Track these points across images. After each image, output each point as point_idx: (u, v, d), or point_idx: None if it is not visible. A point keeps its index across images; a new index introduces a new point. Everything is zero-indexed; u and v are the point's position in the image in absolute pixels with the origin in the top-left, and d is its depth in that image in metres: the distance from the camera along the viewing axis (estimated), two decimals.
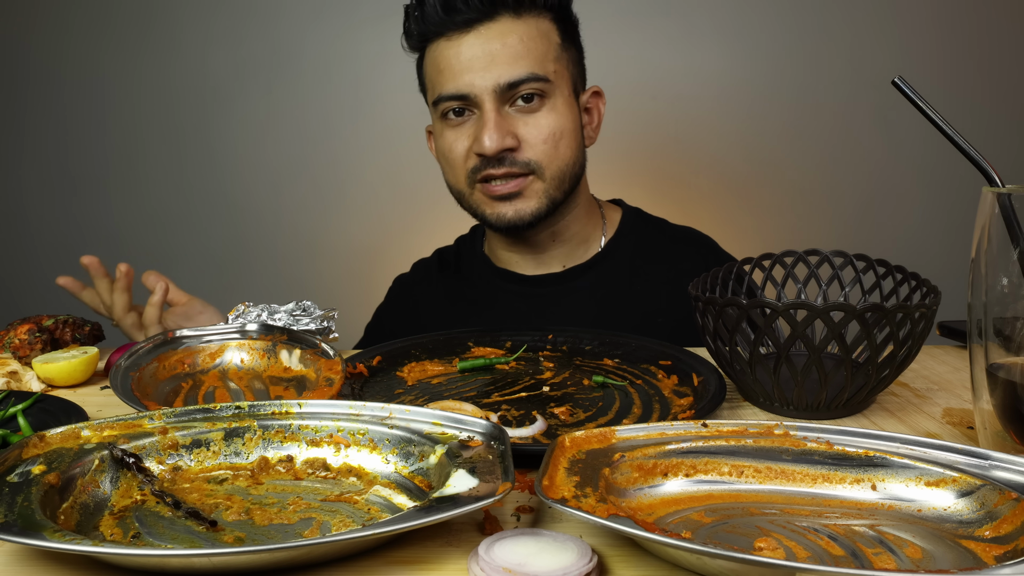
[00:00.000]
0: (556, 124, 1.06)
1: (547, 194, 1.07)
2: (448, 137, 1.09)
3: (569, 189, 1.10)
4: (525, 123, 1.05)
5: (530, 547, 0.47)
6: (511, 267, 1.20)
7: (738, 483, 0.57)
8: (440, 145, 1.11)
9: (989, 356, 0.60)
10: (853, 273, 0.87)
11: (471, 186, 1.09)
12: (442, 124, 1.10)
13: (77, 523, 0.53)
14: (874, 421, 0.75)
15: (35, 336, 0.94)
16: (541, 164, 1.06)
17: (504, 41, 1.03)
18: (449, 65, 1.05)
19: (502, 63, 1.03)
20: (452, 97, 1.05)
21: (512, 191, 1.06)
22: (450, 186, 1.14)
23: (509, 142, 1.04)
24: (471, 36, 1.03)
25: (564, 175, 1.08)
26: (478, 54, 1.03)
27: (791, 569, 0.41)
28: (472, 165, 1.07)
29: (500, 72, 1.03)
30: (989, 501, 0.51)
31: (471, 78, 1.03)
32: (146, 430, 0.62)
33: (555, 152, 1.06)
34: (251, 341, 0.88)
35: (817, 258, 0.89)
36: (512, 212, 1.08)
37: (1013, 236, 0.58)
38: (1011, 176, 0.64)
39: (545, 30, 1.06)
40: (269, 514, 0.55)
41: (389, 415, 0.63)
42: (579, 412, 0.76)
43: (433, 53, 1.08)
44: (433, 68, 1.08)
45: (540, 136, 1.05)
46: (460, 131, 1.07)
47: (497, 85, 1.03)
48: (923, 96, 0.67)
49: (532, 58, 1.04)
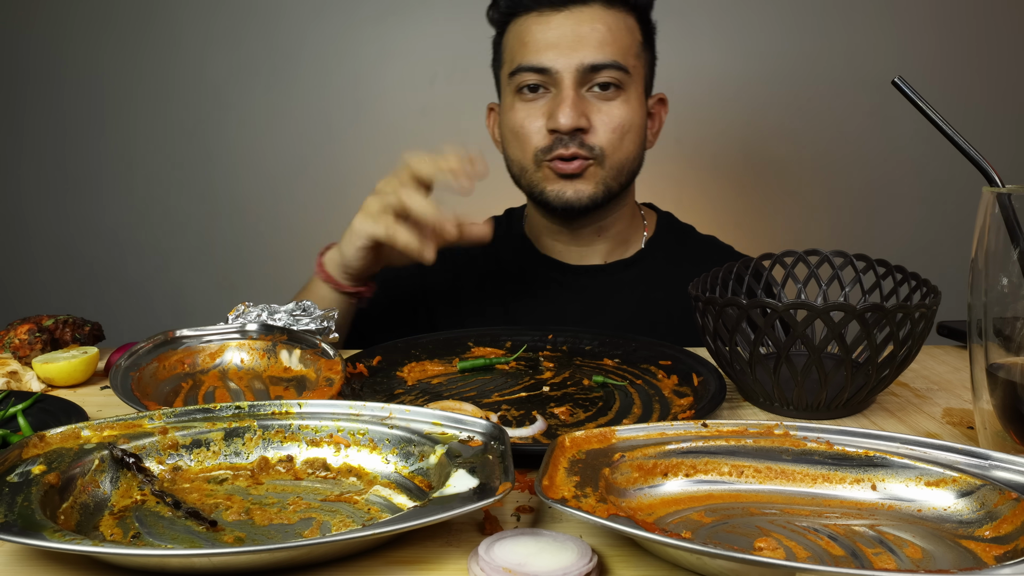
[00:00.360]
0: (627, 117, 1.09)
1: (605, 182, 1.10)
2: (520, 112, 1.10)
3: (625, 183, 1.13)
4: (598, 109, 1.08)
5: (530, 547, 0.47)
6: (554, 255, 1.21)
7: (738, 483, 0.57)
8: (510, 119, 1.12)
9: (989, 356, 0.60)
10: (853, 273, 0.87)
11: (537, 164, 1.11)
12: (515, 98, 1.11)
13: (77, 523, 0.53)
14: (874, 421, 0.75)
15: (35, 336, 0.94)
16: (605, 152, 1.08)
17: (593, 26, 1.06)
18: (535, 39, 1.07)
19: (588, 46, 1.05)
20: (533, 69, 1.07)
21: (575, 171, 1.09)
22: (512, 162, 1.15)
23: (583, 122, 1.06)
24: (561, 16, 1.06)
25: (623, 167, 1.11)
26: (566, 33, 1.06)
27: (791, 569, 0.41)
28: (543, 144, 1.09)
29: (585, 54, 1.05)
30: (989, 501, 0.51)
31: (556, 55, 1.06)
32: (146, 430, 0.62)
33: (620, 143, 1.09)
34: (251, 341, 0.88)
35: (817, 258, 0.89)
36: (572, 192, 1.10)
37: (1013, 236, 0.58)
38: (1011, 176, 0.64)
39: (631, 26, 1.10)
40: (269, 514, 0.55)
41: (389, 415, 0.63)
42: (579, 412, 0.76)
43: (519, 27, 1.10)
44: (516, 40, 1.10)
45: (611, 124, 1.08)
46: (534, 107, 1.09)
47: (581, 65, 1.05)
48: (923, 96, 0.67)
49: (617, 47, 1.07)
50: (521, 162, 1.13)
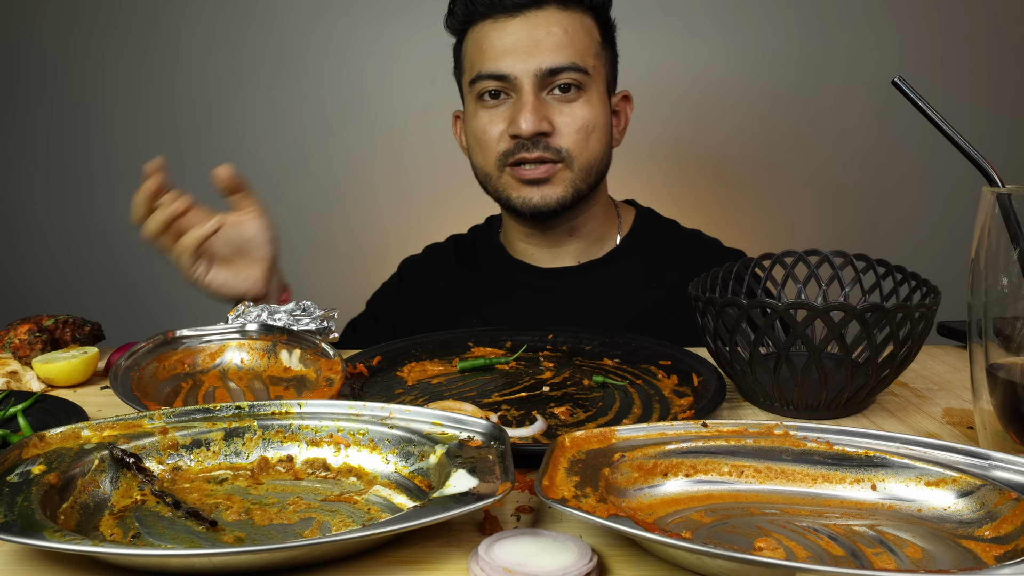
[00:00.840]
0: (590, 117, 1.09)
1: (573, 184, 1.10)
2: (482, 119, 1.11)
3: (594, 183, 1.13)
4: (560, 112, 1.08)
5: (530, 547, 0.47)
6: (526, 259, 1.22)
7: (738, 483, 0.57)
8: (472, 126, 1.13)
9: (989, 356, 0.60)
10: (853, 273, 0.87)
11: (500, 169, 1.11)
12: (476, 105, 1.12)
13: (77, 523, 0.53)
14: (874, 421, 0.75)
15: (35, 336, 0.94)
16: (571, 153, 1.08)
17: (549, 29, 1.06)
18: (492, 46, 1.07)
19: (545, 49, 1.06)
20: (492, 76, 1.07)
21: (541, 176, 1.08)
22: (477, 168, 1.16)
23: (544, 126, 1.06)
24: (517, 21, 1.06)
25: (591, 167, 1.11)
26: (523, 38, 1.06)
27: (791, 569, 0.41)
28: (504, 148, 1.09)
29: (543, 58, 1.05)
30: (989, 501, 0.51)
31: (513, 60, 1.06)
32: (146, 430, 0.62)
33: (586, 144, 1.09)
34: (251, 341, 0.88)
35: (817, 258, 0.89)
36: (539, 197, 1.10)
37: (1013, 236, 0.58)
38: (1011, 176, 0.64)
39: (588, 26, 1.10)
40: (269, 514, 0.55)
41: (389, 415, 0.63)
42: (579, 412, 0.76)
43: (476, 34, 1.10)
44: (474, 48, 1.10)
45: (574, 126, 1.08)
46: (495, 113, 1.10)
47: (539, 70, 1.05)
48: (923, 96, 0.67)
49: (574, 49, 1.07)
50: (484, 168, 1.13)
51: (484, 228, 1.32)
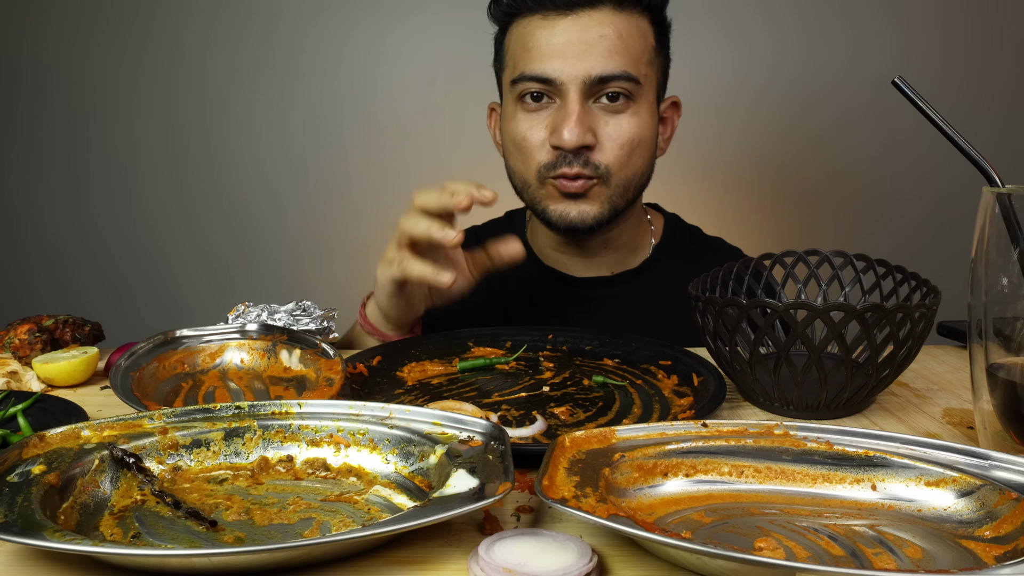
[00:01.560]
0: (636, 131, 1.02)
1: (610, 201, 1.05)
2: (523, 123, 1.04)
3: (632, 199, 1.08)
4: (606, 123, 1.02)
5: (530, 547, 0.47)
6: (558, 267, 1.17)
7: (738, 483, 0.57)
8: (511, 130, 1.06)
9: (989, 356, 0.60)
10: (853, 273, 0.87)
11: (540, 180, 1.05)
12: (516, 107, 1.05)
13: (77, 523, 0.53)
14: (874, 421, 0.75)
15: (35, 336, 0.94)
16: (611, 170, 1.02)
17: (602, 32, 0.99)
18: (539, 45, 1.00)
19: (596, 54, 0.99)
20: (536, 79, 1.01)
21: (579, 190, 1.03)
22: (514, 173, 1.09)
23: (589, 139, 1.00)
24: (568, 20, 0.99)
25: (630, 184, 1.05)
26: (573, 40, 0.99)
27: (791, 569, 0.41)
28: (546, 160, 1.03)
29: (593, 63, 0.99)
30: (989, 501, 0.51)
31: (561, 64, 0.99)
32: (146, 430, 0.62)
33: (627, 160, 1.03)
34: (251, 341, 0.88)
35: (817, 258, 0.89)
36: (576, 212, 1.04)
37: (1013, 236, 0.58)
38: (1011, 176, 0.64)
39: (643, 30, 1.03)
40: (269, 514, 0.55)
41: (389, 415, 0.63)
42: (579, 412, 0.76)
43: (522, 29, 1.03)
44: (519, 44, 1.03)
45: (618, 140, 1.01)
46: (537, 118, 1.03)
47: (588, 76, 0.99)
48: (923, 96, 0.67)
49: (627, 55, 1.00)
50: (523, 176, 1.07)
51: (505, 222, 1.26)
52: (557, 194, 1.04)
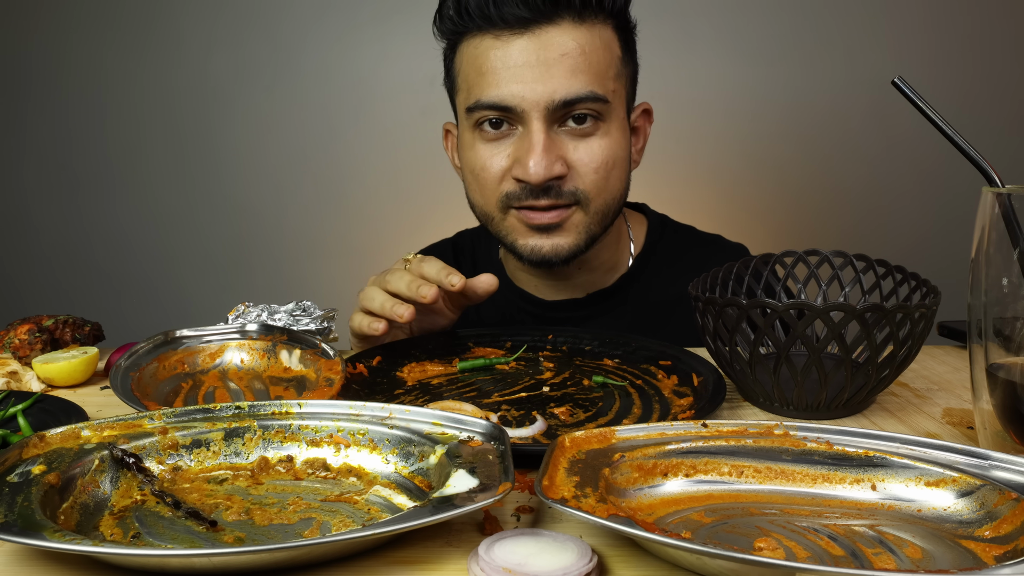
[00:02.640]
0: (609, 153, 0.94)
1: (588, 229, 0.97)
2: (482, 153, 0.95)
3: (610, 223, 1.00)
4: (575, 148, 0.93)
5: (530, 547, 0.47)
6: (529, 289, 1.11)
7: (738, 483, 0.57)
8: (470, 159, 0.97)
9: (989, 356, 0.60)
10: (853, 273, 0.87)
11: (503, 211, 0.96)
12: (474, 135, 0.96)
13: (77, 523, 0.53)
14: (874, 421, 0.75)
15: (35, 336, 0.94)
16: (588, 195, 0.94)
17: (563, 50, 0.89)
18: (493, 68, 0.90)
19: (558, 76, 0.89)
20: (493, 107, 0.91)
21: (552, 221, 0.94)
22: (475, 205, 1.01)
23: (558, 169, 0.91)
24: (524, 39, 0.89)
25: (608, 209, 0.98)
26: (531, 61, 0.89)
27: (791, 569, 0.41)
28: (509, 190, 0.94)
29: (556, 86, 0.89)
30: (989, 501, 0.51)
31: (520, 89, 0.89)
32: (146, 430, 0.62)
33: (605, 184, 0.95)
34: (251, 341, 0.88)
35: (817, 258, 0.89)
36: (549, 247, 0.96)
37: (1013, 236, 0.58)
38: (1011, 176, 0.64)
39: (607, 40, 0.93)
40: (269, 514, 0.55)
41: (389, 415, 0.63)
42: (579, 412, 0.76)
43: (473, 49, 0.93)
44: (471, 67, 0.93)
45: (592, 164, 0.93)
46: (497, 147, 0.94)
47: (551, 101, 0.89)
48: (922, 96, 0.67)
49: (592, 73, 0.91)
50: (484, 208, 0.99)
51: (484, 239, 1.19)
52: (524, 228, 0.96)
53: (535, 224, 0.95)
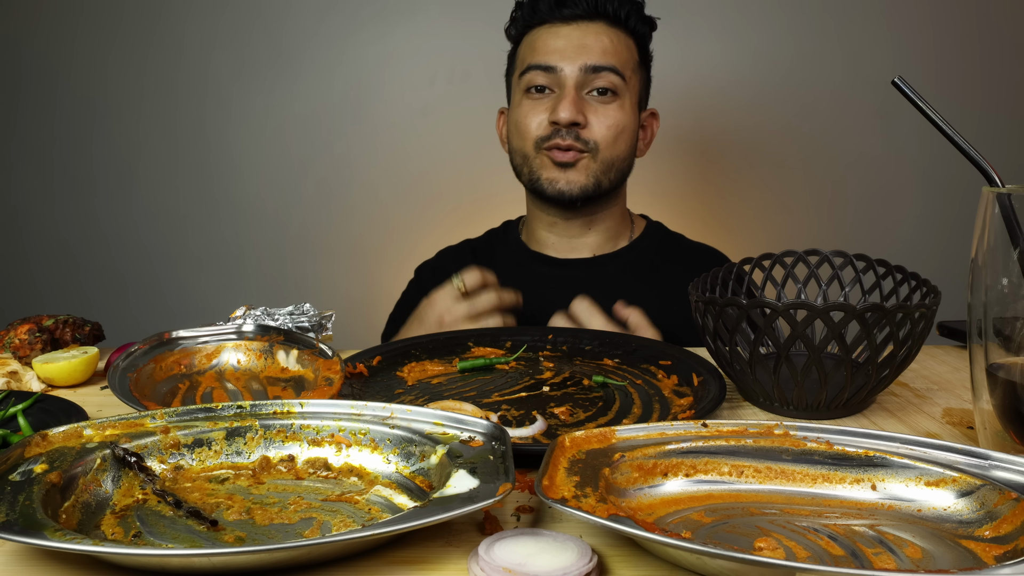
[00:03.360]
0: (621, 119, 1.20)
1: (595, 175, 1.21)
2: (526, 107, 1.22)
3: (615, 180, 1.23)
4: (595, 111, 1.19)
5: (530, 547, 0.47)
6: (545, 249, 1.31)
7: (738, 483, 0.57)
8: (516, 115, 1.25)
9: (989, 356, 0.61)
10: (853, 273, 0.87)
11: (536, 150, 1.22)
12: (523, 97, 1.23)
13: (79, 522, 0.53)
14: (874, 421, 0.75)
15: (35, 336, 0.94)
16: (599, 146, 1.19)
17: (597, 37, 1.19)
18: (545, 44, 1.21)
19: (592, 52, 1.18)
20: (540, 67, 1.20)
21: (568, 160, 1.19)
22: (515, 151, 1.26)
23: (580, 118, 1.18)
24: (570, 27, 1.20)
25: (613, 163, 1.21)
26: (573, 42, 1.19)
27: (791, 569, 0.41)
28: (543, 133, 1.20)
29: (588, 56, 1.18)
30: (989, 501, 0.52)
31: (560, 57, 1.19)
32: (148, 429, 0.62)
33: (614, 141, 1.20)
34: (247, 342, 0.88)
35: (817, 258, 0.89)
36: (564, 182, 1.21)
37: (1013, 236, 0.58)
38: (1011, 176, 0.64)
39: (629, 46, 1.23)
40: (270, 514, 0.55)
41: (390, 415, 0.63)
42: (579, 412, 0.76)
43: (531, 37, 1.23)
44: (528, 48, 1.23)
45: (605, 123, 1.19)
46: (538, 104, 1.21)
47: (584, 65, 1.18)
48: (923, 96, 0.67)
49: (617, 57, 1.20)
50: (523, 150, 1.24)
51: (501, 231, 1.39)
52: (550, 163, 1.21)
53: (557, 160, 1.20)
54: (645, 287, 1.24)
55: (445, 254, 1.39)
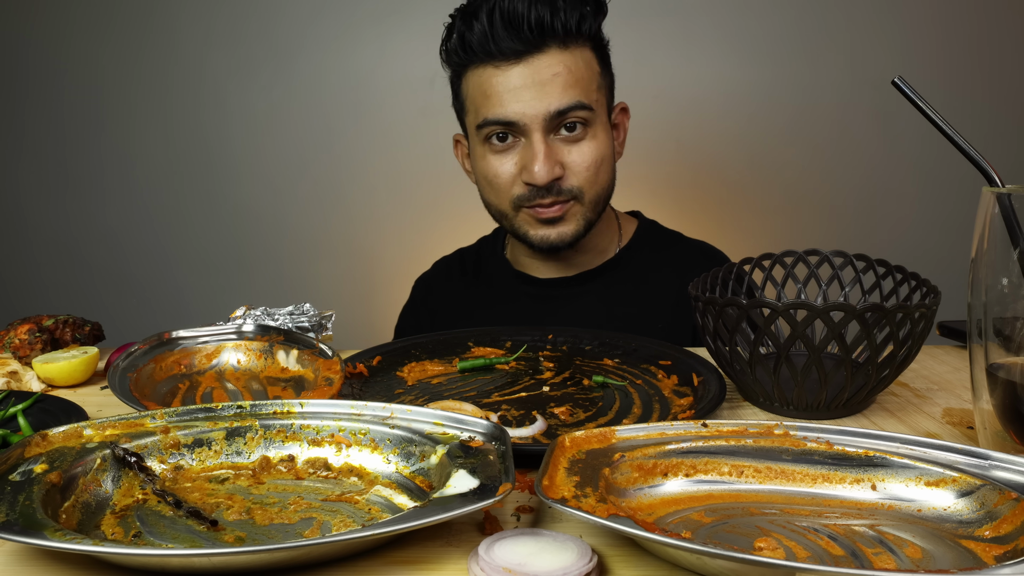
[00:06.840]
0: (597, 152, 1.10)
1: (585, 217, 1.13)
2: (492, 162, 1.11)
3: (602, 210, 1.16)
4: (569, 152, 1.09)
5: (530, 547, 0.47)
6: (528, 270, 1.25)
7: (738, 483, 0.57)
8: (483, 168, 1.13)
9: (989, 356, 0.61)
10: (853, 273, 0.87)
11: (516, 210, 1.13)
12: (484, 148, 1.12)
13: (79, 522, 0.53)
14: (874, 421, 0.75)
15: (35, 336, 0.94)
16: (583, 190, 1.10)
17: (554, 71, 1.05)
18: (497, 92, 1.06)
19: (552, 92, 1.05)
20: (500, 123, 1.07)
21: (556, 215, 1.11)
22: (490, 206, 1.17)
23: (557, 171, 1.08)
24: (520, 66, 1.05)
25: (600, 199, 1.14)
26: (528, 84, 1.05)
27: (791, 569, 0.41)
28: (519, 193, 1.11)
29: (550, 101, 1.05)
30: (989, 501, 0.52)
31: (521, 107, 1.05)
32: (148, 429, 0.62)
33: (596, 179, 1.11)
34: (247, 342, 0.88)
35: (817, 258, 0.89)
36: (555, 235, 1.13)
37: (1013, 236, 0.58)
38: (1011, 176, 0.64)
39: (588, 60, 1.09)
40: (270, 514, 0.55)
41: (390, 415, 0.63)
42: (579, 412, 0.76)
43: (477, 77, 1.09)
44: (478, 91, 1.09)
45: (584, 164, 1.09)
46: (505, 157, 1.10)
47: (547, 113, 1.05)
48: (923, 96, 0.67)
49: (579, 88, 1.07)
50: (499, 207, 1.15)
51: (491, 240, 1.34)
52: (535, 221, 1.13)
53: (543, 218, 1.12)
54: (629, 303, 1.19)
55: (439, 265, 1.36)
